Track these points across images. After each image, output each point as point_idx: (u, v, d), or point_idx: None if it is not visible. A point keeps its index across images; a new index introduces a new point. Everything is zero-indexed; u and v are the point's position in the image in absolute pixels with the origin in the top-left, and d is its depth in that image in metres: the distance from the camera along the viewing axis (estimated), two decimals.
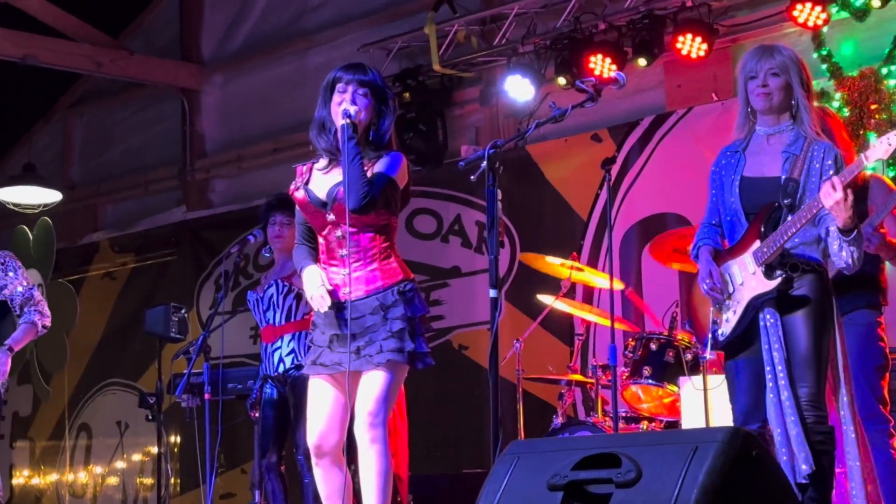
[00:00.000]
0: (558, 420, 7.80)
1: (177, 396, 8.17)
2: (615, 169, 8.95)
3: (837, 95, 8.22)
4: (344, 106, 5.32)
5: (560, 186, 9.57)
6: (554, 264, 7.97)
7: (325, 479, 5.54)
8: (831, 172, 5.03)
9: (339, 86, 5.43)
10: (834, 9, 8.18)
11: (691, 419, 6.82)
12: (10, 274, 7.73)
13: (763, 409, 5.03)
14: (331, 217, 5.44)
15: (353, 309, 5.39)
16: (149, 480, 11.91)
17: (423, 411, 8.85)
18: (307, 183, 5.50)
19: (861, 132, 8.05)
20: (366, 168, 5.34)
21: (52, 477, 12.89)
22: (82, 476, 12.66)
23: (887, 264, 6.15)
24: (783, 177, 5.11)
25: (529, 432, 7.94)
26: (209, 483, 7.74)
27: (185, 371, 7.89)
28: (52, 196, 12.12)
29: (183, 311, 8.80)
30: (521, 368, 8.02)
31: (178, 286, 11.72)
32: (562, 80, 9.14)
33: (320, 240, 5.52)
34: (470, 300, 9.93)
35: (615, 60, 8.87)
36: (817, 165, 5.09)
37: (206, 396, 7.77)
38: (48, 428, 12.92)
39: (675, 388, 7.23)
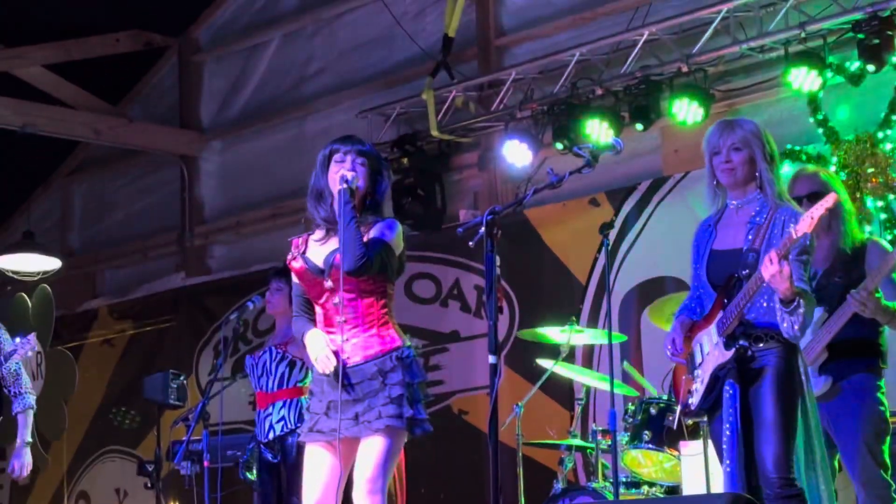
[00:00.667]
0: (559, 485, 7.77)
1: (175, 464, 8.14)
2: (613, 233, 8.97)
3: (834, 159, 8.24)
4: (342, 172, 5.36)
5: (558, 251, 9.58)
6: (547, 335, 7.97)
7: None
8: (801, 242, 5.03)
9: (337, 156, 5.50)
10: (829, 74, 8.21)
11: (692, 484, 6.79)
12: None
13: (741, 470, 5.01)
14: (328, 284, 5.44)
15: (352, 374, 5.39)
16: None
17: (422, 477, 8.82)
18: (304, 253, 5.51)
19: (857, 195, 8.06)
20: (362, 232, 5.37)
21: None
22: None
23: (885, 328, 6.13)
24: (744, 248, 5.15)
25: (530, 498, 7.90)
26: None
27: (184, 438, 7.86)
28: (50, 263, 12.11)
29: (182, 377, 8.80)
30: (521, 433, 8.00)
31: (176, 352, 11.70)
32: (559, 146, 9.16)
33: (318, 309, 5.51)
34: (469, 365, 9.90)
35: (612, 125, 8.91)
36: (778, 232, 5.10)
37: (206, 464, 7.75)
38: (47, 496, 12.85)
39: (675, 453, 7.20)
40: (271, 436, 7.59)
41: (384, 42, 10.95)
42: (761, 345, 5.08)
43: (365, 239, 5.36)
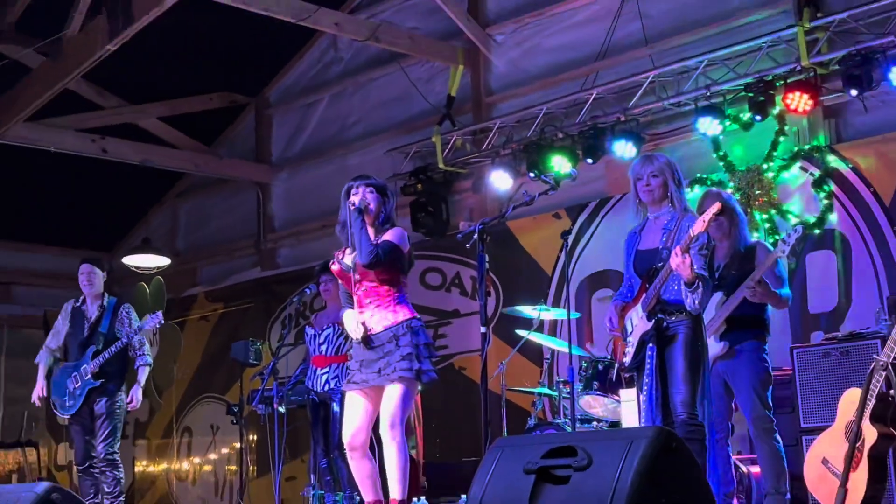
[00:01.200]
0: (532, 421, 7.77)
1: (253, 406, 8.16)
2: (570, 238, 8.98)
3: (731, 185, 8.24)
4: (351, 199, 5.49)
5: (531, 251, 9.58)
6: (525, 311, 7.98)
7: (357, 468, 5.54)
8: (700, 239, 5.06)
9: (353, 190, 5.61)
10: (727, 122, 8.22)
11: (629, 420, 6.80)
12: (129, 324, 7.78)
13: (656, 414, 5.05)
14: (356, 277, 5.51)
15: (374, 339, 5.45)
16: (234, 468, 11.85)
17: (434, 415, 8.85)
18: (341, 259, 5.60)
19: (749, 211, 8.06)
20: (375, 238, 5.46)
21: (163, 466, 12.82)
22: (185, 465, 12.59)
23: (769, 307, 6.15)
24: (660, 247, 5.18)
25: (511, 430, 7.91)
26: (277, 469, 7.70)
27: (259, 387, 7.89)
28: (163, 261, 12.14)
29: (258, 343, 8.81)
30: (505, 383, 8.01)
31: (254, 325, 11.69)
32: (532, 174, 9.15)
33: (354, 297, 5.58)
34: (467, 334, 9.90)
35: (570, 160, 8.92)
36: (682, 235, 5.09)
37: (275, 406, 7.75)
38: (160, 429, 12.86)
39: (616, 398, 7.21)
40: (326, 388, 7.60)
41: (404, 100, 10.94)
42: (673, 318, 5.10)
43: (378, 241, 5.43)
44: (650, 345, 5.12)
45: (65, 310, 7.89)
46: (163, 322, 7.84)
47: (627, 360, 5.28)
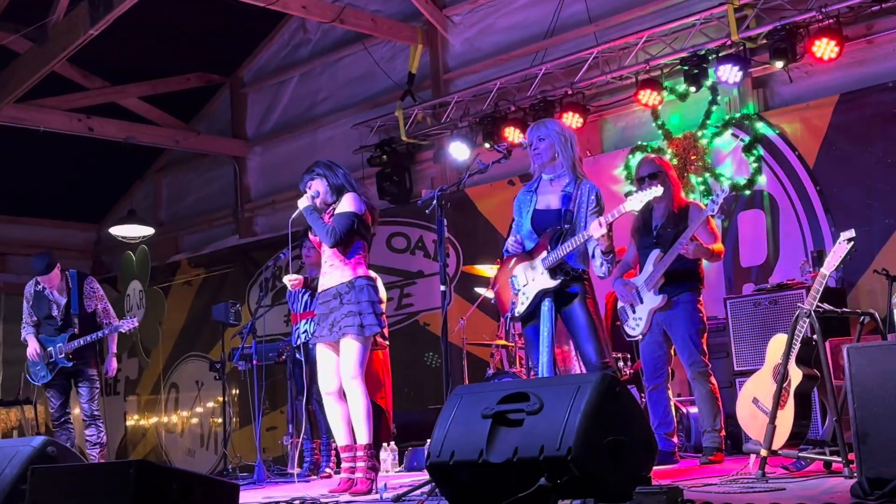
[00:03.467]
0: (490, 371, 7.81)
1: (234, 363, 8.16)
2: None
3: (669, 151, 8.28)
4: (301, 199, 5.62)
5: (488, 215, 9.59)
6: (483, 270, 8.00)
7: (333, 411, 5.58)
8: (593, 206, 5.08)
9: (304, 188, 5.71)
10: (665, 93, 8.25)
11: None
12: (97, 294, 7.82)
13: (551, 362, 5.04)
14: (317, 240, 5.68)
15: (323, 296, 5.55)
16: (218, 420, 11.83)
17: (401, 367, 8.84)
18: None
19: (685, 175, 8.11)
20: (333, 208, 5.56)
21: (153, 420, 12.79)
22: (174, 418, 12.57)
23: (704, 261, 6.19)
24: (563, 209, 5.12)
25: (471, 380, 7.96)
26: (257, 421, 7.73)
27: (239, 346, 7.88)
28: (147, 231, 12.05)
29: (237, 305, 8.79)
30: (465, 337, 8.05)
31: (234, 289, 11.67)
32: (487, 145, 9.16)
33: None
34: (430, 293, 9.93)
35: (522, 130, 8.91)
36: (584, 202, 5.09)
37: (255, 362, 7.76)
38: (149, 386, 12.83)
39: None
40: (299, 342, 7.60)
41: (369, 78, 10.88)
42: (572, 278, 5.06)
43: (332, 215, 5.53)
44: (548, 299, 5.06)
45: (27, 292, 7.88)
46: (137, 326, 7.88)
47: (521, 308, 5.18)
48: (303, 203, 5.56)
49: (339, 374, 5.50)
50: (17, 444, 4.60)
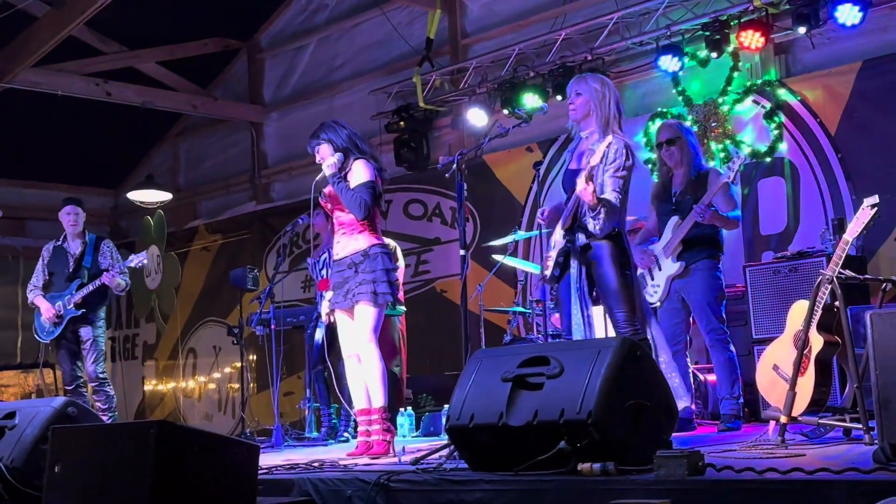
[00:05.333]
0: (508, 337, 7.82)
1: (252, 328, 8.17)
2: (542, 169, 8.98)
3: (689, 117, 8.21)
4: (324, 168, 5.56)
5: (506, 182, 9.56)
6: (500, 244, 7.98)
7: (353, 373, 5.60)
8: (611, 161, 4.87)
9: (310, 149, 5.71)
10: (686, 59, 8.17)
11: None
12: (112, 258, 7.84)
13: (579, 321, 4.94)
14: (329, 206, 5.68)
15: (338, 265, 5.55)
16: (235, 385, 11.91)
17: (419, 334, 8.88)
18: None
19: (705, 141, 8.05)
20: (347, 169, 5.54)
21: (171, 385, 12.87)
22: (191, 383, 12.64)
23: (722, 229, 6.16)
24: (580, 167, 4.95)
25: (488, 346, 7.95)
26: (275, 385, 7.75)
27: (257, 311, 7.89)
28: (165, 196, 12.05)
29: (255, 270, 8.78)
30: (482, 303, 8.04)
31: (251, 254, 11.69)
32: (506, 111, 9.11)
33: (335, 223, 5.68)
34: (447, 260, 9.92)
35: (541, 97, 8.85)
36: (609, 157, 4.88)
37: (272, 327, 7.77)
38: (167, 351, 12.90)
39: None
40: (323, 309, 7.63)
41: (386, 43, 10.82)
42: (595, 238, 4.90)
43: (352, 179, 5.49)
44: (573, 260, 4.95)
45: (45, 251, 7.94)
46: (146, 262, 7.85)
47: (547, 272, 5.12)
48: (329, 170, 5.51)
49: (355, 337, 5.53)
50: (38, 405, 4.63)
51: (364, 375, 5.51)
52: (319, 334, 7.57)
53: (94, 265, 7.75)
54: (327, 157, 5.58)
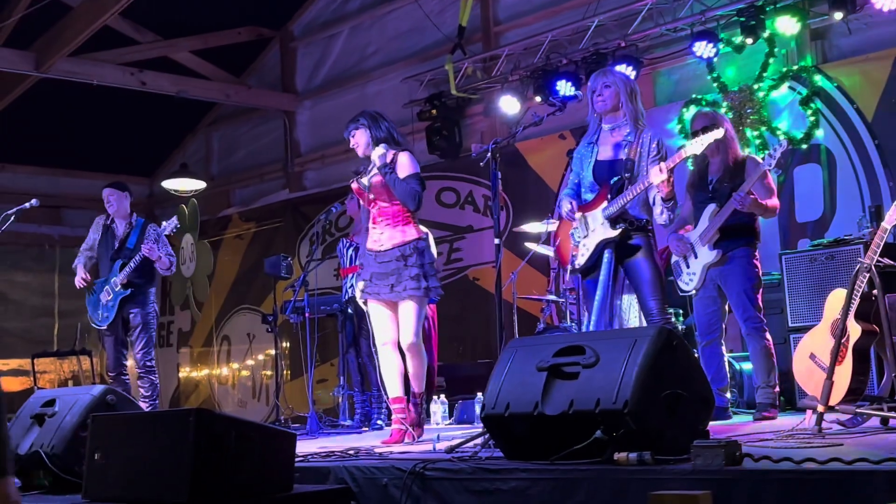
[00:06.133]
0: (541, 325, 7.81)
1: (286, 315, 8.21)
2: None
3: (724, 104, 8.15)
4: (373, 159, 5.55)
5: (538, 170, 9.54)
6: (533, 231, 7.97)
7: (387, 361, 5.63)
8: (654, 153, 5.02)
9: (348, 135, 5.72)
10: (721, 45, 8.10)
11: (633, 322, 6.81)
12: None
13: (607, 314, 5.01)
14: (371, 196, 5.62)
15: (382, 256, 5.51)
16: (269, 372, 11.98)
17: (450, 322, 8.90)
18: (360, 178, 5.67)
19: (740, 128, 7.99)
20: (387, 158, 5.52)
21: (205, 372, 12.97)
22: (225, 371, 12.73)
23: (760, 217, 6.11)
24: (624, 158, 5.06)
25: (522, 335, 7.94)
26: (310, 373, 7.79)
27: (291, 299, 7.93)
28: (199, 184, 12.14)
29: (289, 258, 8.82)
30: (516, 292, 8.04)
31: (284, 242, 11.75)
32: (538, 99, 9.08)
33: (371, 213, 5.64)
34: (480, 248, 9.93)
35: (574, 84, 8.82)
36: (645, 150, 5.03)
37: (307, 315, 7.80)
38: (202, 339, 13.00)
39: (620, 303, 7.20)
40: (348, 296, 7.65)
41: (419, 31, 10.82)
42: (635, 230, 5.05)
43: (399, 171, 5.50)
44: (608, 250, 5.04)
45: (96, 223, 7.88)
46: (178, 226, 7.71)
47: (582, 261, 5.18)
48: (381, 161, 5.52)
49: (394, 327, 5.55)
50: (78, 393, 4.68)
51: (411, 369, 5.57)
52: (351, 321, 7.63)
53: (138, 246, 7.67)
54: (361, 143, 5.60)
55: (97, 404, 4.51)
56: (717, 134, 4.91)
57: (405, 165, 5.53)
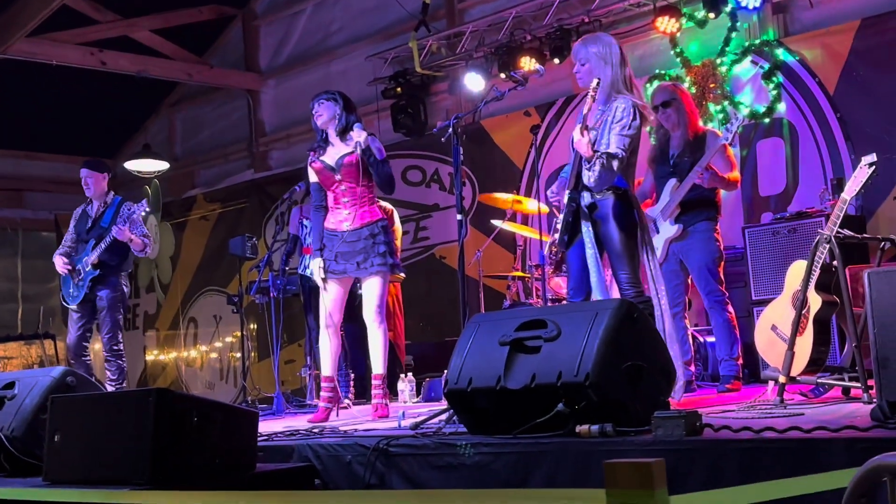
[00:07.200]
0: (507, 303, 7.82)
1: (252, 296, 8.18)
2: (539, 134, 8.93)
3: (687, 79, 8.16)
4: (355, 141, 5.63)
5: (504, 146, 9.53)
6: (501, 198, 7.95)
7: (327, 344, 5.76)
8: (617, 120, 4.77)
9: (313, 109, 5.81)
10: (683, 20, 8.11)
11: (595, 296, 6.81)
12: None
13: (586, 286, 4.89)
14: (338, 177, 5.68)
15: (350, 235, 5.65)
16: (236, 354, 11.93)
17: (417, 300, 8.89)
18: (320, 157, 5.76)
19: (703, 103, 8.01)
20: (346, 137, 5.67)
21: (172, 354, 12.90)
22: (193, 353, 12.67)
23: (721, 190, 6.14)
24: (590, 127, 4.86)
25: (488, 311, 7.94)
26: (276, 353, 7.76)
27: (256, 279, 7.90)
28: (162, 165, 12.03)
29: (254, 239, 8.78)
30: (482, 269, 8.04)
31: (249, 223, 11.68)
32: (503, 76, 9.06)
33: (329, 194, 5.69)
34: (446, 226, 9.90)
35: (538, 60, 8.81)
36: (610, 117, 4.80)
37: (272, 295, 7.77)
38: (168, 321, 12.92)
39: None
40: (308, 273, 7.65)
41: (383, 8, 10.75)
42: (600, 196, 4.81)
43: (355, 141, 5.59)
44: (583, 221, 4.84)
45: (73, 217, 7.79)
46: (148, 210, 7.58)
47: (558, 236, 5.04)
48: (364, 145, 5.59)
49: (342, 309, 5.73)
50: (37, 375, 4.64)
51: (372, 344, 5.73)
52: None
53: (111, 227, 7.54)
54: (325, 116, 5.67)
55: (57, 386, 4.47)
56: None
57: (378, 150, 5.64)
